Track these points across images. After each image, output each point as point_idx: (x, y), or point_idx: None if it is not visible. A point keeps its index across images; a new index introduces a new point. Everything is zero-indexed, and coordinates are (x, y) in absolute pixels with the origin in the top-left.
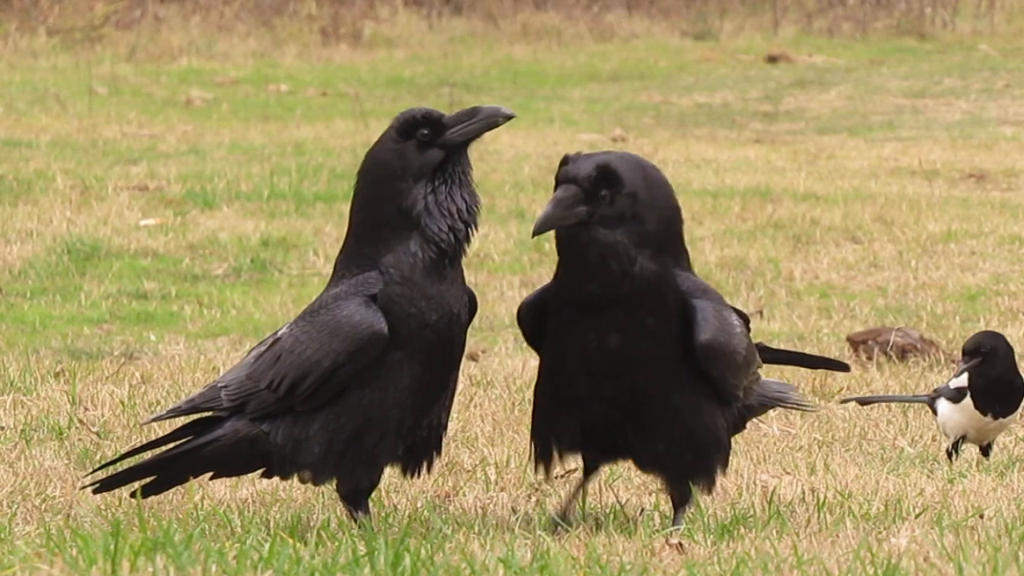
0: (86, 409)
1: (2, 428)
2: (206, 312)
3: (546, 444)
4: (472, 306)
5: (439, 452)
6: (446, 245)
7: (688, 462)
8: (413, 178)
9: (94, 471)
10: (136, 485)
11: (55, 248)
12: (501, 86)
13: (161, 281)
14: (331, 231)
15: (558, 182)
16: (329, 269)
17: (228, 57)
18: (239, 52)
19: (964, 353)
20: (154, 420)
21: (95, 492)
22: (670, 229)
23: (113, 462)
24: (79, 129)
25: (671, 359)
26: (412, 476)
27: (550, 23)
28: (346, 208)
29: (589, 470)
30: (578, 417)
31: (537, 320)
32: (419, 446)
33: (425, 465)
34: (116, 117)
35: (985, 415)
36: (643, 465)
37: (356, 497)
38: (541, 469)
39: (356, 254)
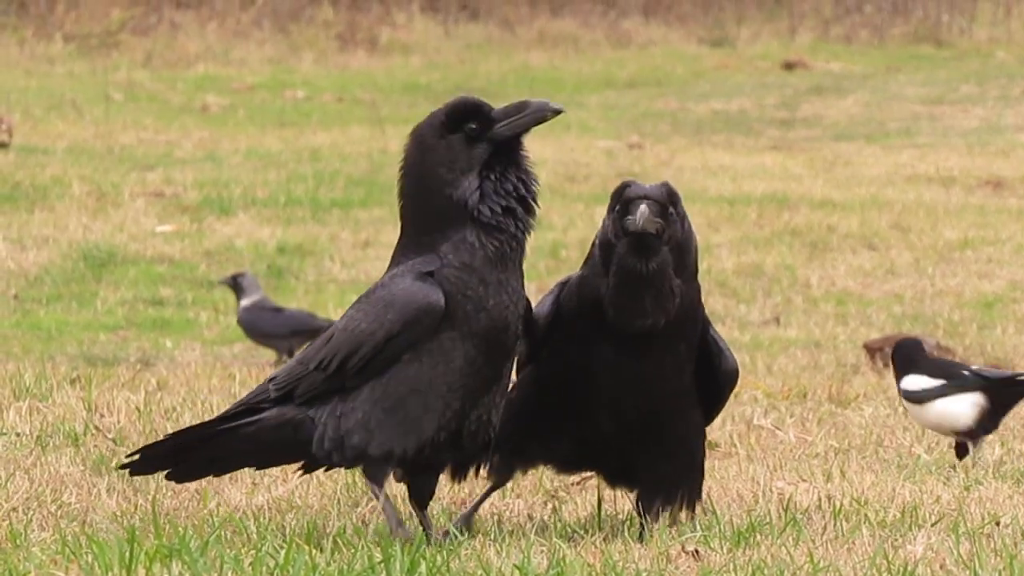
0: (102, 416)
1: (18, 434)
2: (222, 318)
3: (525, 456)
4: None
5: (488, 453)
6: (504, 230)
7: (687, 483)
8: (461, 171)
9: (134, 452)
10: (169, 468)
11: (71, 254)
12: (518, 93)
13: (177, 287)
14: (347, 237)
15: (627, 200)
16: (345, 275)
17: (244, 63)
18: (255, 58)
19: None
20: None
21: (131, 474)
22: (698, 256)
23: (153, 445)
24: (95, 135)
25: (689, 384)
26: (459, 480)
27: (567, 30)
28: (362, 215)
29: (504, 480)
30: (575, 433)
31: (543, 335)
32: (467, 446)
33: (473, 469)
34: (132, 123)
35: None
36: (625, 481)
37: (382, 468)
38: (502, 478)
39: (414, 243)
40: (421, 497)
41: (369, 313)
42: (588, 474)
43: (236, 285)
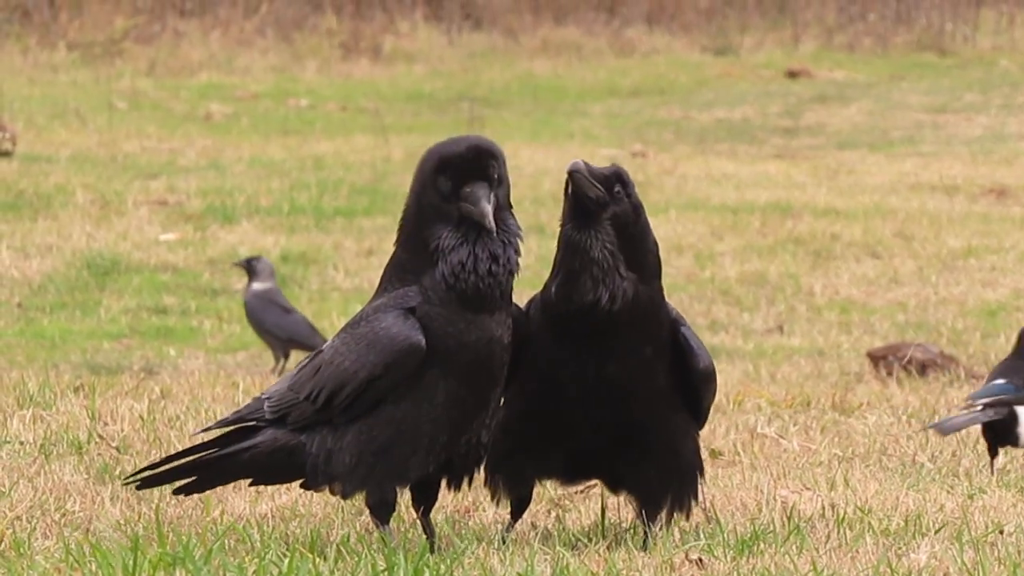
0: (105, 424)
1: (22, 443)
2: (225, 327)
3: (521, 475)
4: (517, 327)
5: (479, 468)
6: (458, 291)
7: (676, 486)
8: (437, 218)
9: (136, 472)
10: (176, 484)
11: (75, 263)
12: (521, 101)
13: (181, 296)
14: (351, 246)
15: (570, 173)
16: (348, 284)
17: (248, 72)
18: (259, 67)
19: None
20: (202, 432)
21: (137, 488)
22: (659, 258)
23: (156, 465)
24: (99, 144)
25: (663, 386)
26: (452, 490)
27: (570, 38)
28: (366, 223)
29: (525, 499)
30: (562, 446)
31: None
32: (458, 462)
33: (466, 480)
34: (136, 132)
35: None
36: (622, 487)
37: (383, 510)
38: (505, 501)
39: (401, 264)
40: (424, 504)
41: (353, 350)
42: (592, 482)
43: (250, 268)
